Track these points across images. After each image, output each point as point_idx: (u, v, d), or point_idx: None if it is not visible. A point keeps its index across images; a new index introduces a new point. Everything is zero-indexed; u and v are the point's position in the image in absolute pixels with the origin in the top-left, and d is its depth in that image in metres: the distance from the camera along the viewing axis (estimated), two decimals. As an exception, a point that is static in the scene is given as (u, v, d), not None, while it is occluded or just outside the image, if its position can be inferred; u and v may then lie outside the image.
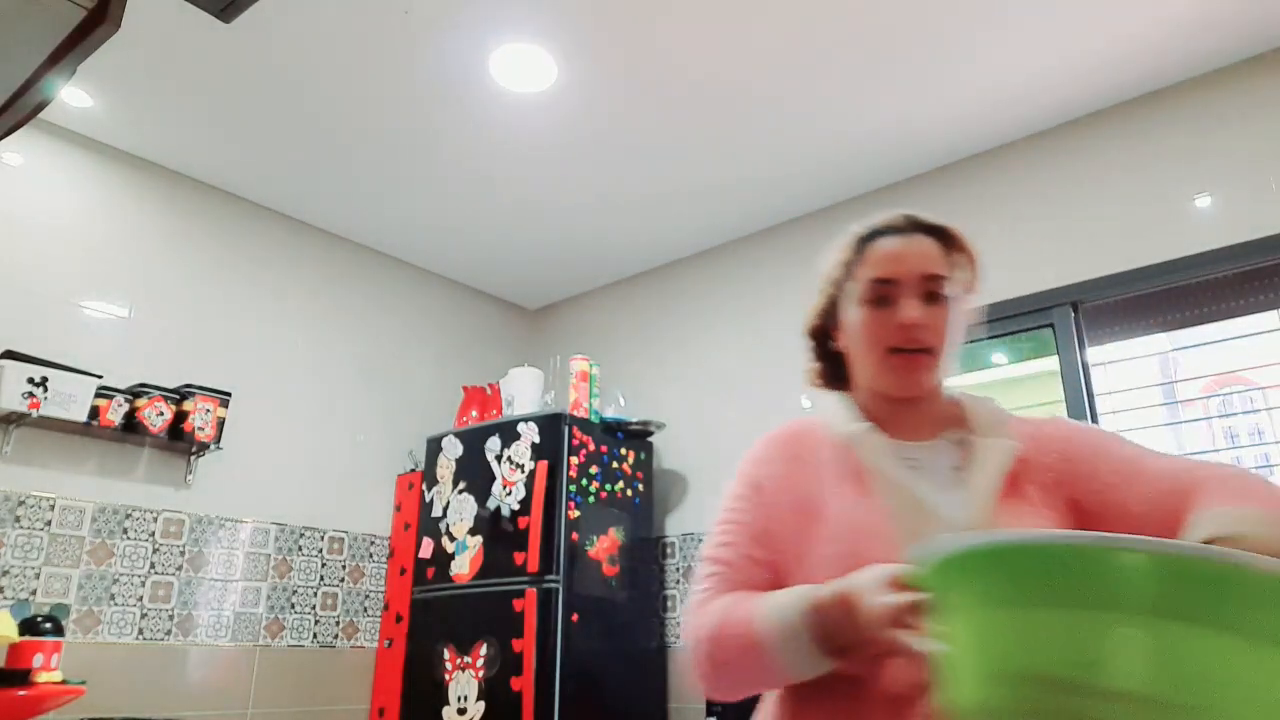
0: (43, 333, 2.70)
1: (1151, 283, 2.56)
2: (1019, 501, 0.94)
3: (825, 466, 1.02)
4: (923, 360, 0.99)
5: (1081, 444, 0.99)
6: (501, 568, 2.94)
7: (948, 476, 0.97)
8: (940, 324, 0.99)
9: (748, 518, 1.02)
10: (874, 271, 1.03)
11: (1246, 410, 2.36)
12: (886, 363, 1.00)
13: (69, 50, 0.88)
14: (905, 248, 1.03)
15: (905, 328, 0.98)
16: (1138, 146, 2.67)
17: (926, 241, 1.04)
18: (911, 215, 1.08)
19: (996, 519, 0.91)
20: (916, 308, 0.99)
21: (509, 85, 2.67)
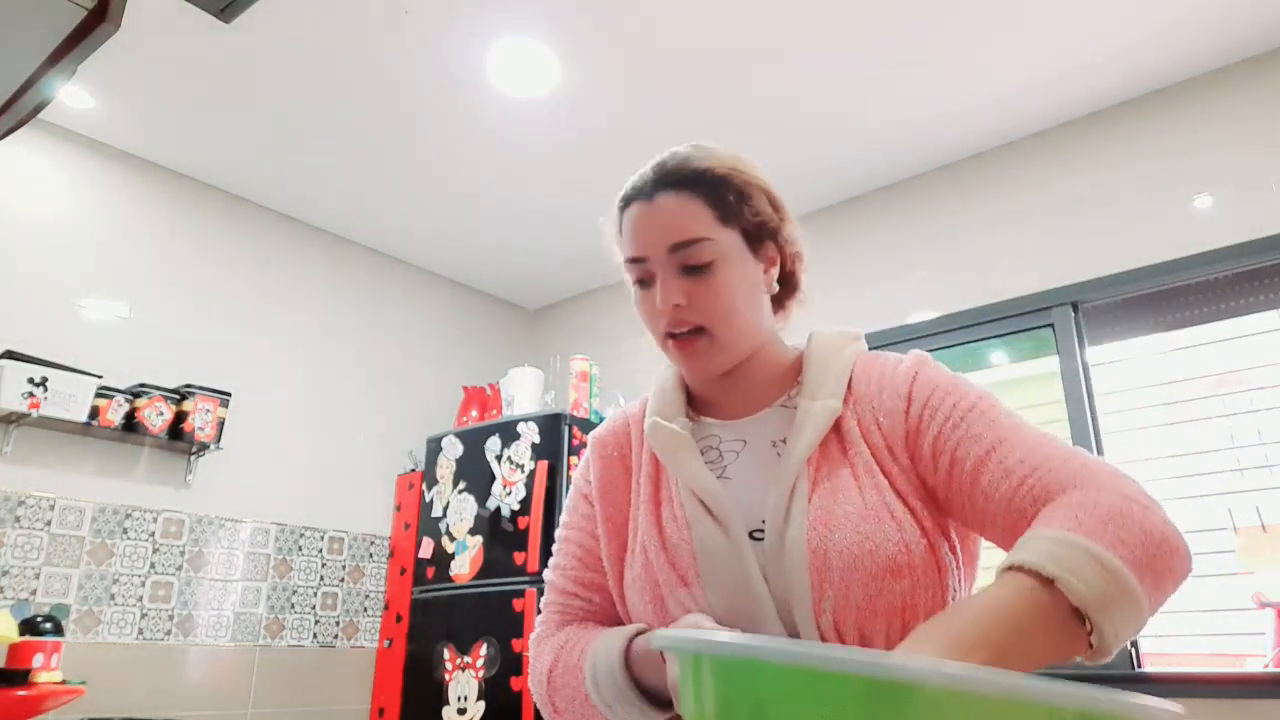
0: (43, 333, 2.70)
1: (1151, 283, 2.56)
2: (835, 473, 0.80)
3: (641, 467, 0.92)
4: (698, 342, 0.85)
5: (929, 398, 0.82)
6: (501, 568, 2.94)
7: (768, 457, 0.85)
8: (707, 298, 0.84)
9: (574, 534, 0.94)
10: (625, 249, 0.89)
11: (1246, 410, 2.36)
12: (666, 348, 0.89)
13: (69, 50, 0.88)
14: (648, 215, 0.87)
15: (662, 313, 0.86)
16: (1138, 146, 2.67)
17: (676, 200, 0.86)
18: (660, 166, 0.90)
19: (803, 503, 0.78)
20: (670, 285, 0.84)
21: (510, 85, 2.67)
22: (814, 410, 0.84)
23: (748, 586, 0.78)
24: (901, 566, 0.74)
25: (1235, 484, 2.32)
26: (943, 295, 2.97)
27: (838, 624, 0.74)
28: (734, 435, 0.90)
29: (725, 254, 0.85)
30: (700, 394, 0.95)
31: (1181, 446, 2.43)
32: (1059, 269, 2.73)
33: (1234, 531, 2.28)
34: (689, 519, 0.83)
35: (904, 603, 0.74)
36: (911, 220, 3.12)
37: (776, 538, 0.78)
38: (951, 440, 0.78)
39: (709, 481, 0.84)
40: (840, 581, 0.74)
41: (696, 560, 0.80)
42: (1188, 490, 2.39)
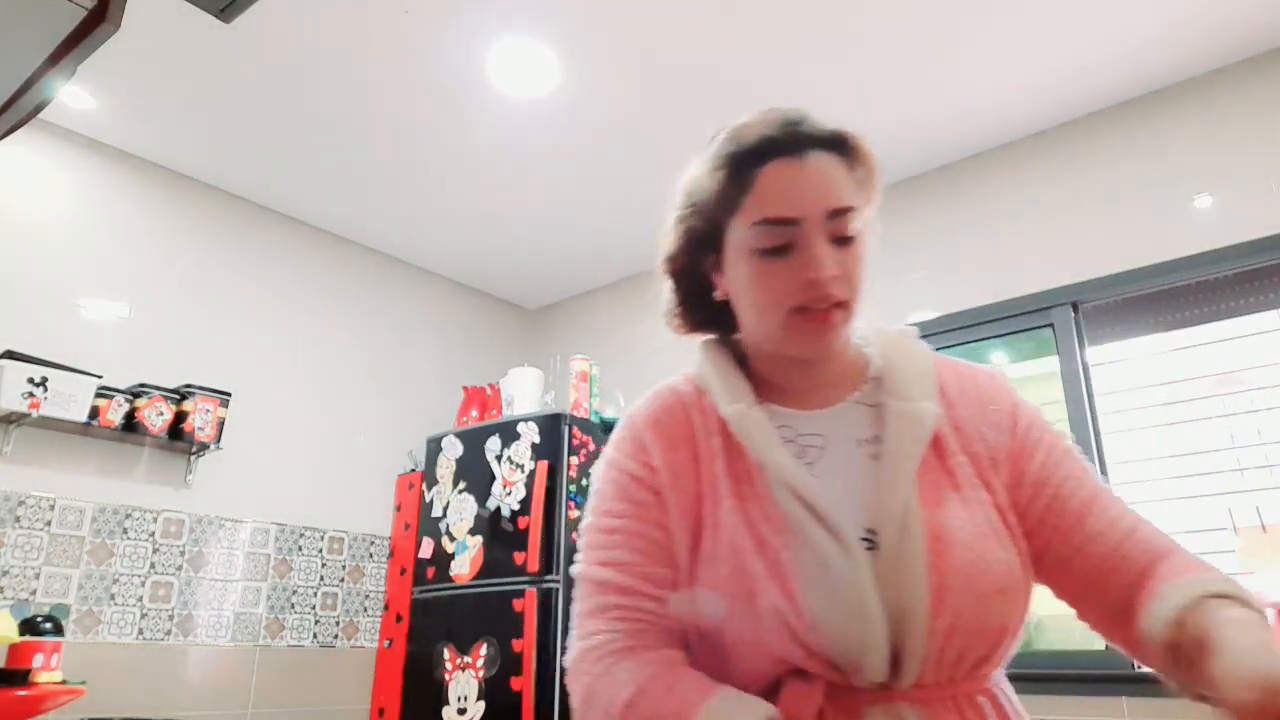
0: (43, 333, 2.70)
1: (1151, 283, 2.56)
2: (937, 483, 0.77)
3: (714, 456, 0.81)
4: (835, 317, 0.78)
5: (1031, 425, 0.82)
6: (501, 568, 2.94)
7: (855, 457, 0.79)
8: (853, 269, 0.79)
9: (634, 525, 0.80)
10: (765, 209, 0.78)
11: (1246, 410, 2.36)
12: (790, 324, 0.79)
13: (69, 50, 0.88)
14: (803, 175, 0.78)
15: (814, 282, 0.76)
16: (1138, 146, 2.67)
17: (827, 162, 0.79)
18: (800, 123, 0.80)
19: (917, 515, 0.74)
20: (827, 254, 0.76)
21: (510, 86, 2.67)
22: (910, 411, 0.79)
23: (860, 603, 0.70)
24: (1007, 587, 0.74)
25: (1235, 484, 2.32)
26: (943, 295, 2.97)
27: (946, 645, 0.72)
28: (811, 428, 0.82)
29: (862, 228, 0.81)
30: (768, 379, 0.86)
31: (1181, 446, 2.43)
32: (1059, 269, 2.73)
33: (1234, 531, 2.28)
34: (788, 521, 0.75)
35: (1004, 623, 0.74)
36: (912, 220, 3.12)
37: (893, 551, 0.72)
38: (1057, 475, 0.79)
39: (810, 480, 0.77)
40: (956, 602, 0.71)
41: (801, 570, 0.72)
42: (1188, 490, 2.39)
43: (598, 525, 0.84)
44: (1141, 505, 2.51)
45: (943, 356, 0.87)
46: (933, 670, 0.72)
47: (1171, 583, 0.70)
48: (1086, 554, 0.77)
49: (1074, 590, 0.79)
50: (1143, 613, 0.71)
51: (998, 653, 0.76)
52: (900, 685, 0.72)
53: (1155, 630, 0.69)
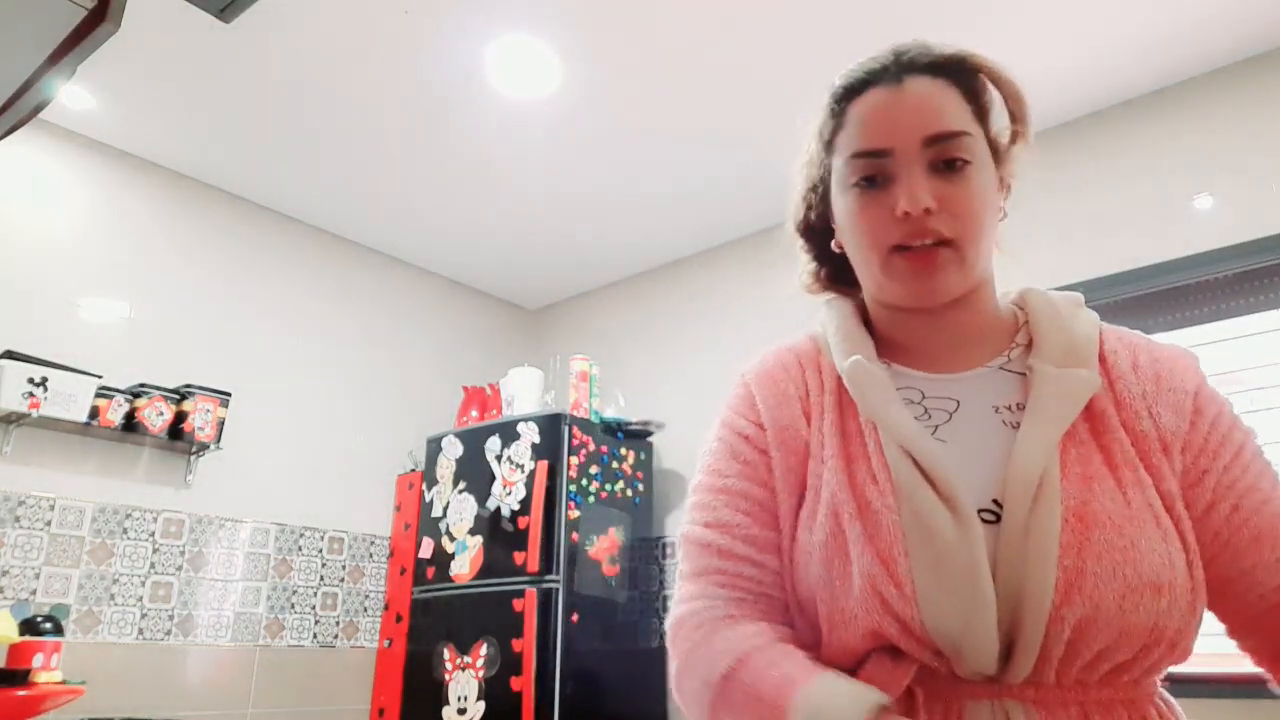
0: (43, 333, 2.70)
1: (1151, 283, 2.56)
2: (1088, 459, 0.68)
3: (825, 413, 0.76)
4: (940, 256, 0.71)
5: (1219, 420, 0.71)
6: (501, 568, 2.94)
7: (991, 425, 0.71)
8: (962, 202, 0.71)
9: (739, 484, 0.77)
10: (858, 142, 0.74)
11: (1247, 410, 2.36)
12: (890, 265, 0.73)
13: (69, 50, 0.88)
14: (899, 102, 0.73)
15: (909, 217, 0.70)
16: (1138, 146, 2.67)
17: (930, 86, 0.73)
18: (906, 48, 0.77)
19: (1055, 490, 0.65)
20: (920, 186, 0.70)
21: (510, 85, 2.67)
22: (1063, 379, 0.70)
23: (970, 578, 0.63)
24: (1164, 583, 0.63)
25: (1235, 484, 2.31)
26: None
27: (1075, 637, 0.63)
28: (942, 392, 0.75)
29: (980, 156, 0.73)
30: (892, 337, 0.79)
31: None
32: (1060, 268, 2.72)
33: (1234, 531, 2.28)
34: (897, 483, 0.68)
35: (1155, 623, 0.63)
36: (911, 220, 3.11)
37: (1019, 524, 0.64)
38: (1243, 483, 0.69)
39: (928, 441, 0.70)
40: (1093, 589, 0.62)
41: (904, 536, 0.66)
42: (1188, 490, 2.38)
43: (704, 485, 0.79)
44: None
45: (1117, 328, 0.78)
46: (1058, 669, 0.64)
47: None
48: (1254, 580, 0.67)
49: (1229, 616, 0.70)
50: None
51: (1147, 659, 0.65)
52: (1011, 679, 0.64)
53: None
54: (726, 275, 3.63)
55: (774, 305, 3.40)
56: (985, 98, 0.75)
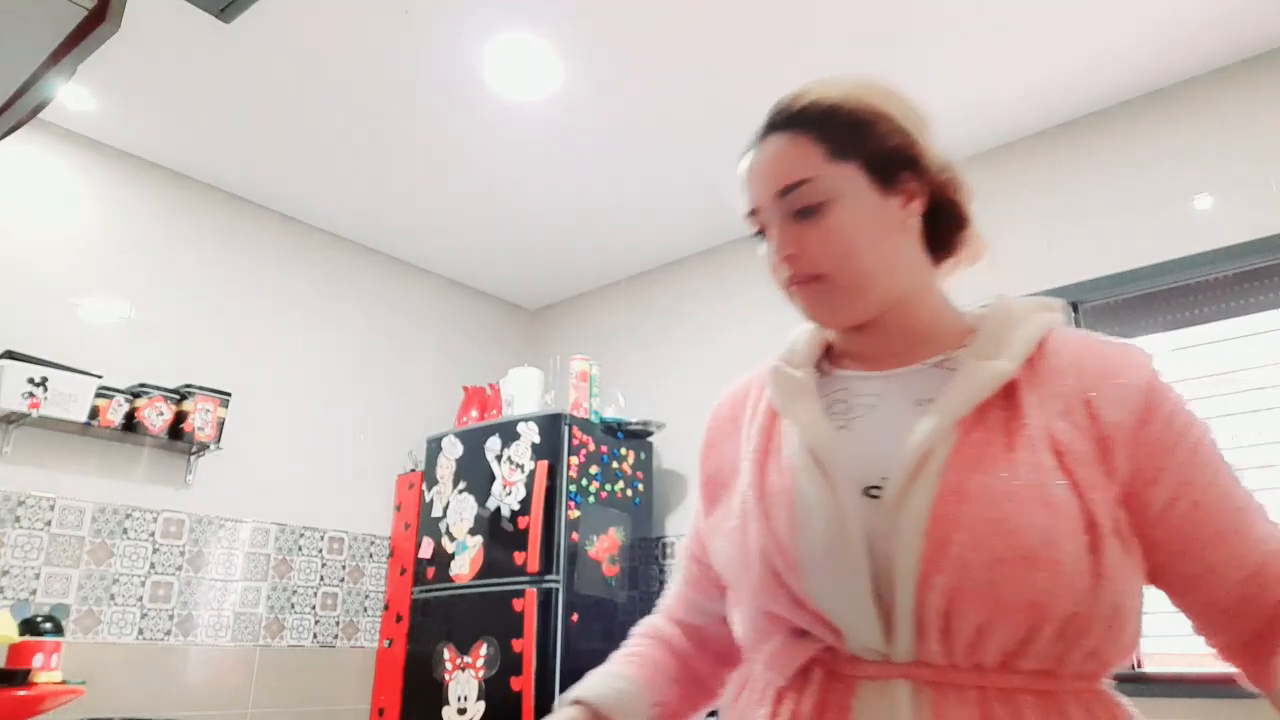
0: (43, 333, 2.70)
1: (1151, 283, 2.56)
2: (990, 442, 0.70)
3: (755, 419, 0.85)
4: (818, 288, 0.78)
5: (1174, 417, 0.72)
6: (501, 568, 2.94)
7: (906, 415, 0.75)
8: (820, 242, 0.77)
9: (698, 505, 0.90)
10: (741, 204, 0.84)
11: (1247, 410, 2.35)
12: (792, 299, 0.82)
13: (69, 50, 0.88)
14: (755, 164, 0.82)
15: (779, 265, 0.80)
16: (1138, 146, 2.67)
17: (781, 142, 0.80)
18: (773, 107, 0.83)
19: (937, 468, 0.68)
20: (780, 234, 0.79)
21: (510, 86, 2.67)
22: (977, 369, 0.73)
23: (843, 549, 0.68)
24: (1040, 558, 0.63)
25: (1235, 484, 2.31)
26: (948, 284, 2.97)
27: (948, 606, 0.65)
28: (871, 389, 0.81)
29: (838, 192, 0.77)
30: (842, 348, 0.87)
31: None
32: (1059, 269, 2.73)
33: (1234, 531, 2.28)
34: (795, 468, 0.74)
35: (1034, 600, 0.63)
36: (911, 220, 3.11)
37: (895, 499, 0.69)
38: (1199, 482, 0.70)
39: (822, 428, 0.77)
40: (959, 558, 0.64)
41: (793, 514, 0.72)
42: (1188, 490, 2.38)
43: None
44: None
45: (1079, 331, 0.79)
46: (943, 646, 0.66)
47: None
48: (1219, 576, 0.69)
49: (1197, 613, 0.72)
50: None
51: (1039, 642, 0.65)
52: (899, 657, 0.67)
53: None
54: (727, 275, 3.63)
55: (774, 304, 3.41)
56: (842, 134, 0.78)
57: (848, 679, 0.69)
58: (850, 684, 0.69)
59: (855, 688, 0.68)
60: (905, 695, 0.66)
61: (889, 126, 0.80)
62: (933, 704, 0.65)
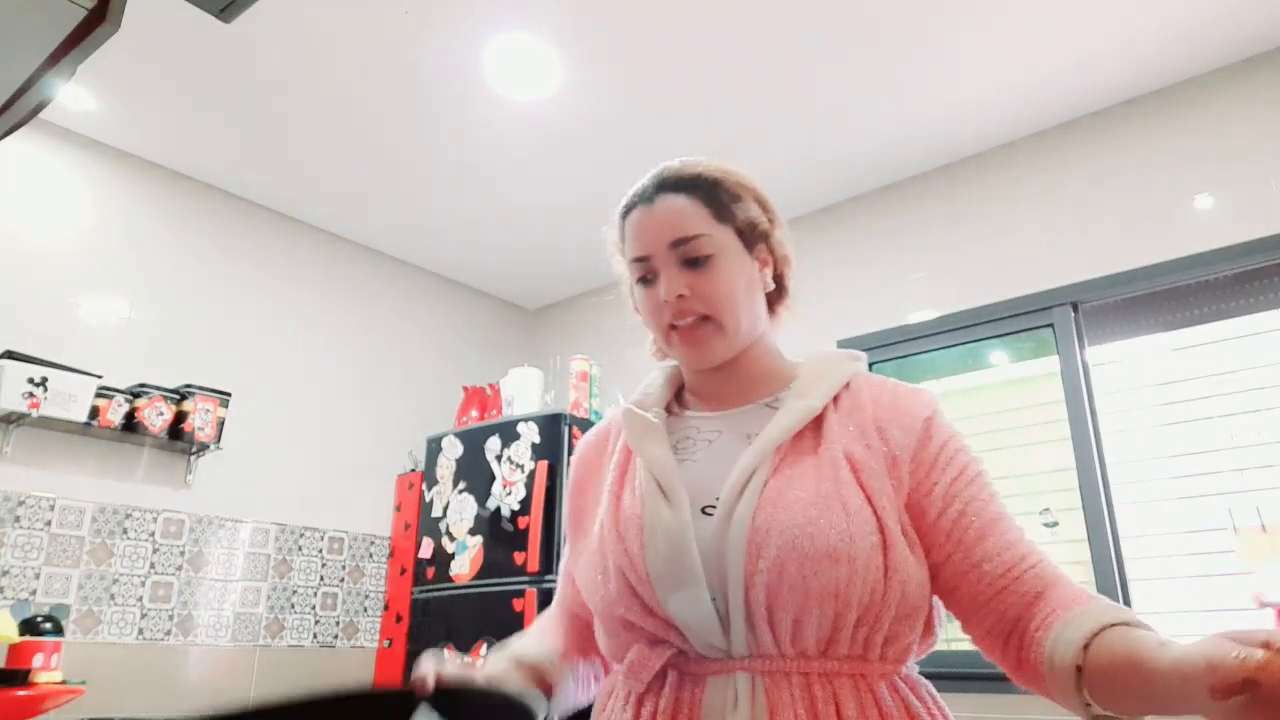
0: (43, 333, 2.70)
1: (1151, 283, 2.56)
2: (800, 462, 0.84)
3: (612, 457, 0.98)
4: (702, 330, 0.91)
5: (947, 442, 0.87)
6: (501, 568, 2.94)
7: (738, 446, 0.89)
8: (708, 287, 0.90)
9: (567, 540, 1.02)
10: (629, 250, 0.96)
11: (1246, 410, 2.36)
12: (669, 340, 0.94)
13: (69, 50, 0.88)
14: (649, 217, 0.94)
15: (669, 303, 0.91)
16: (1138, 146, 2.67)
17: (674, 201, 0.93)
18: (661, 172, 0.97)
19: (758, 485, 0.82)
20: (673, 279, 0.90)
21: (510, 86, 2.67)
22: (793, 407, 0.89)
23: (683, 558, 0.81)
24: (841, 555, 0.77)
25: (1235, 484, 2.32)
26: (943, 295, 2.97)
27: (770, 600, 0.77)
28: (712, 426, 0.95)
29: (723, 248, 0.92)
30: (693, 389, 1.01)
31: (1181, 446, 2.43)
32: (1059, 269, 2.73)
33: (1234, 531, 2.28)
34: (643, 497, 0.87)
35: (838, 590, 0.76)
36: (912, 221, 3.11)
37: (725, 513, 0.82)
38: (966, 493, 0.83)
39: (666, 461, 0.90)
40: (776, 558, 0.77)
41: (642, 532, 0.84)
42: (1188, 490, 2.39)
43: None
44: (1141, 505, 2.49)
45: (876, 377, 0.96)
46: (771, 637, 0.78)
47: (1074, 610, 0.74)
48: (982, 571, 0.80)
49: (965, 605, 0.82)
50: (1047, 640, 0.73)
51: (844, 627, 0.77)
52: (738, 652, 0.79)
53: (1063, 654, 0.71)
54: (726, 275, 3.62)
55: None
56: (724, 201, 0.93)
57: (697, 677, 0.81)
58: (700, 681, 0.81)
59: (704, 684, 0.80)
60: (745, 684, 0.78)
61: (756, 204, 0.96)
62: (766, 690, 0.77)
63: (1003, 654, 0.81)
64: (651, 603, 0.82)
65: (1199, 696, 0.58)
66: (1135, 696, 0.67)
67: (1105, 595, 0.78)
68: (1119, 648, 0.68)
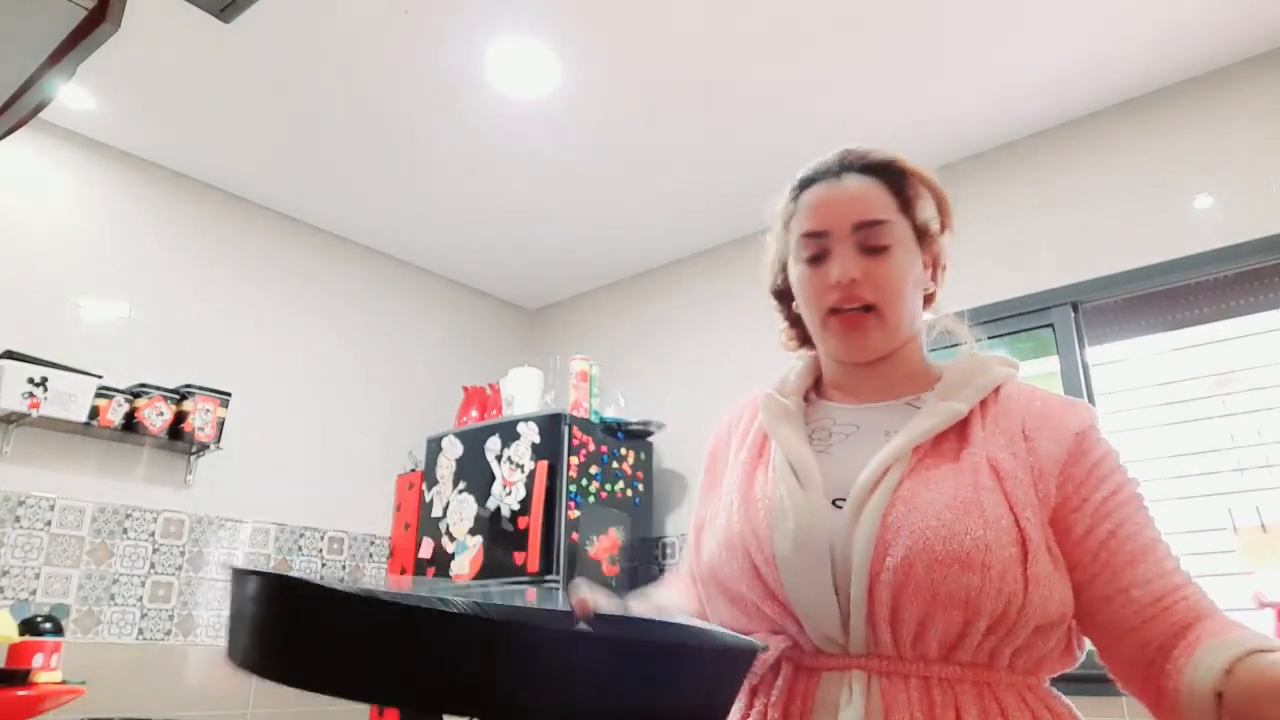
0: (43, 333, 2.70)
1: (1151, 283, 2.56)
2: (940, 464, 0.81)
3: (747, 435, 0.99)
4: (864, 320, 0.88)
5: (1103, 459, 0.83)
6: (501, 568, 2.94)
7: (877, 442, 0.87)
8: (883, 277, 0.88)
9: (700, 497, 1.02)
10: (804, 224, 0.92)
11: (1246, 410, 2.35)
12: (827, 325, 0.91)
13: (69, 50, 0.88)
14: (834, 194, 0.91)
15: (839, 285, 0.88)
16: (1138, 146, 2.67)
17: (862, 183, 0.91)
18: (848, 152, 0.94)
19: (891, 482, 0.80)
20: (849, 261, 0.88)
21: (510, 86, 2.67)
22: (936, 407, 0.86)
23: (810, 547, 0.80)
24: (974, 562, 0.73)
25: (1235, 484, 2.32)
26: (943, 295, 2.97)
27: (894, 599, 0.75)
28: (850, 419, 0.93)
29: (901, 240, 0.90)
30: (834, 381, 0.99)
31: (1181, 446, 2.43)
32: (1059, 269, 2.72)
33: (1234, 531, 2.28)
34: (777, 480, 0.87)
35: (968, 597, 0.73)
36: (911, 220, 3.11)
37: (855, 507, 0.80)
38: (1120, 513, 0.80)
39: (802, 449, 0.88)
40: (904, 558, 0.75)
41: (771, 514, 0.84)
42: (1188, 490, 2.39)
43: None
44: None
45: (1030, 385, 0.92)
46: (891, 637, 0.76)
47: (1220, 638, 0.70)
48: (1130, 597, 0.76)
49: (1107, 631, 0.78)
50: (1187, 665, 0.70)
51: (974, 634, 0.74)
52: (856, 649, 0.77)
53: (1203, 678, 0.68)
54: (727, 275, 3.63)
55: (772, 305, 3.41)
56: (910, 193, 0.92)
57: (812, 671, 0.80)
58: (814, 675, 0.79)
59: (819, 679, 0.79)
60: (860, 682, 0.76)
61: (938, 203, 0.95)
62: (883, 690, 0.75)
63: (1143, 685, 0.76)
64: (774, 585, 0.81)
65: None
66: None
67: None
68: (1266, 669, 0.64)
